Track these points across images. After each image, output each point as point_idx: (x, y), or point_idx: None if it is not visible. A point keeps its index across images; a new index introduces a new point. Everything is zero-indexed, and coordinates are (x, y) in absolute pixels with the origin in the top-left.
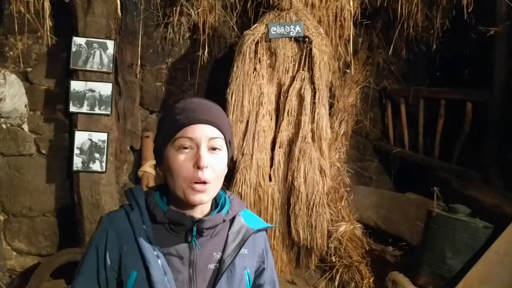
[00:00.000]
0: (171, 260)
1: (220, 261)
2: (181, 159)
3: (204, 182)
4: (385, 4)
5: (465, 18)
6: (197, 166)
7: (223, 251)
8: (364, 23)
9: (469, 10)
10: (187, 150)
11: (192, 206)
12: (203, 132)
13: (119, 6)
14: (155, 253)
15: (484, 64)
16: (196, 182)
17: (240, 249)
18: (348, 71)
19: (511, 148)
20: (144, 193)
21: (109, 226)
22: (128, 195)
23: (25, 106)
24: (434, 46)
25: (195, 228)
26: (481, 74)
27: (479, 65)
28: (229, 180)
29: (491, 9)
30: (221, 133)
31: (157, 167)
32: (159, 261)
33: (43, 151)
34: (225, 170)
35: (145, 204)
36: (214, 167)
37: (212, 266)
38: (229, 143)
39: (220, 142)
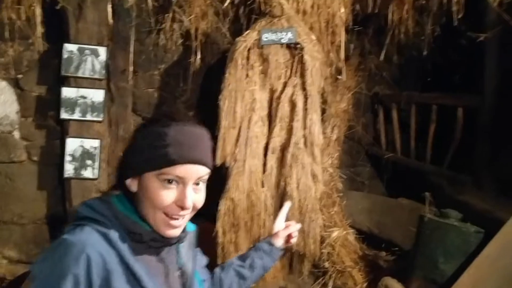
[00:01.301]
0: (156, 276)
1: (181, 267)
2: (164, 194)
3: (182, 216)
4: (376, 11)
5: (455, 24)
6: (181, 206)
7: (178, 257)
8: (355, 29)
9: (459, 17)
10: (172, 185)
11: None
12: (193, 172)
13: (110, 13)
14: (146, 271)
15: (475, 70)
16: (174, 218)
17: (193, 251)
18: (340, 77)
19: (502, 153)
20: (107, 207)
21: (88, 249)
22: (92, 212)
23: (16, 112)
24: (425, 52)
25: (180, 243)
26: (472, 80)
27: (470, 71)
28: (222, 186)
29: (480, 16)
30: (209, 168)
31: (124, 180)
32: (152, 280)
33: (34, 158)
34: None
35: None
36: (196, 201)
37: (176, 274)
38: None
39: (206, 177)
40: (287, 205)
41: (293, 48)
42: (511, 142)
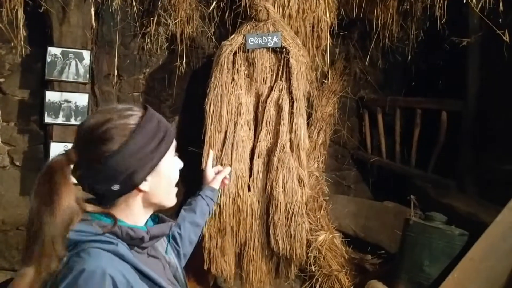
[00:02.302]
0: (160, 274)
1: (167, 258)
2: (177, 164)
3: None
4: (361, 15)
5: (439, 29)
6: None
7: (162, 249)
8: (341, 33)
9: (442, 22)
10: None
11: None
12: None
13: (93, 17)
14: (154, 272)
15: (458, 74)
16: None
17: (169, 239)
18: (325, 81)
19: (485, 157)
20: (96, 226)
21: (109, 270)
22: (85, 234)
23: None
24: (410, 56)
25: (171, 233)
26: (455, 84)
27: (453, 75)
28: None
29: (463, 21)
30: None
31: (134, 188)
32: (161, 278)
33: (17, 163)
34: None
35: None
36: None
37: (167, 265)
38: None
39: None
40: (211, 154)
41: (279, 52)
42: (494, 146)
